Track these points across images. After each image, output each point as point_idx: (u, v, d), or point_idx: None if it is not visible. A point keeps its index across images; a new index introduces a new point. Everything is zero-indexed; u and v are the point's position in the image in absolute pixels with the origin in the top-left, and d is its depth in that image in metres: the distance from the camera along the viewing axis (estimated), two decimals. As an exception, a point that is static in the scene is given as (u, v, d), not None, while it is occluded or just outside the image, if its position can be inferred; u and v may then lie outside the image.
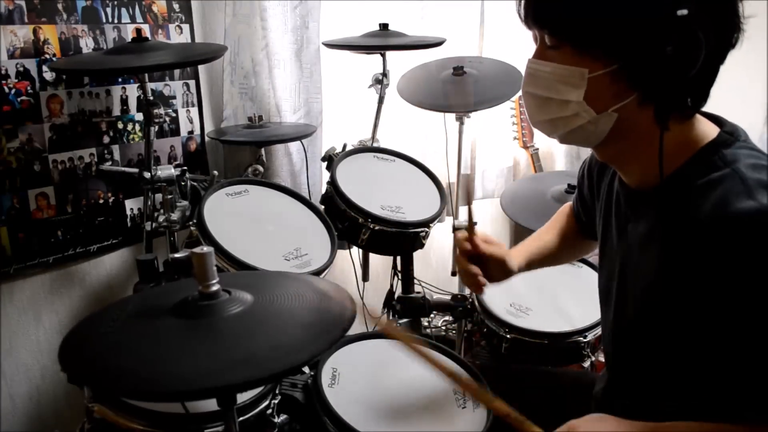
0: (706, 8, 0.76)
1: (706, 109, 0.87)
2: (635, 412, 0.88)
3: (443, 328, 2.21)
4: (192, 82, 1.82)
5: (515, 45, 2.37)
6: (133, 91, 1.68)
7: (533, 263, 1.24)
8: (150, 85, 1.66)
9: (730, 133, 0.86)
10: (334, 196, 1.66)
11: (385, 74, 1.97)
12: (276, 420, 1.13)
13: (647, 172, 0.88)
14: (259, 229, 1.51)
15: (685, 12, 0.75)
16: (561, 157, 2.73)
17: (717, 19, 0.78)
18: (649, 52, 0.77)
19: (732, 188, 0.79)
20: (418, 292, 1.93)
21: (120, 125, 1.67)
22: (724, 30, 0.79)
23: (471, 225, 1.15)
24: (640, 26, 0.77)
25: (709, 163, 0.83)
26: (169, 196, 1.48)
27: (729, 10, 0.79)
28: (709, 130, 0.87)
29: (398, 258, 1.99)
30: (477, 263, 1.14)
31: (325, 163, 1.79)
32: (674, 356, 0.89)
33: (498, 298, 1.63)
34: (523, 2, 0.87)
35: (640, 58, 0.78)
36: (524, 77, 0.91)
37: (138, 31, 1.52)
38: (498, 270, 1.15)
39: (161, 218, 1.49)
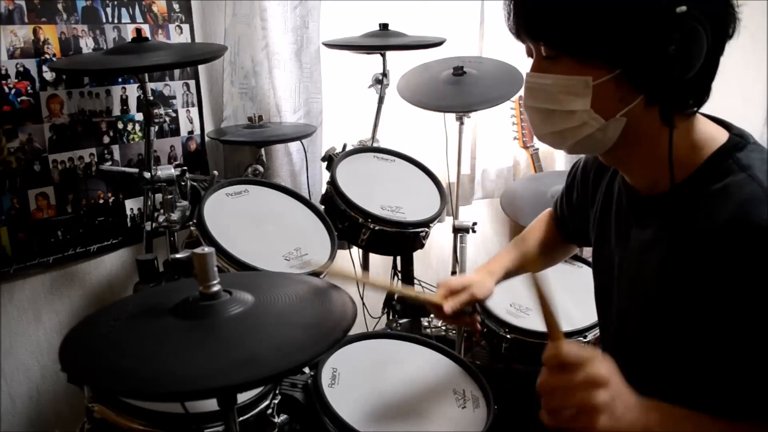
0: (701, 2, 0.75)
1: (707, 110, 0.86)
2: None
3: (443, 328, 2.20)
4: (192, 82, 1.82)
5: (515, 45, 2.34)
6: (133, 91, 1.68)
7: (510, 274, 1.26)
8: (150, 85, 1.66)
9: (739, 136, 0.85)
10: (334, 196, 1.66)
11: (385, 74, 1.97)
12: (276, 420, 1.13)
13: (656, 176, 0.86)
14: (259, 229, 1.51)
15: (684, 8, 0.74)
16: (561, 157, 2.73)
17: (712, 10, 0.77)
18: (653, 52, 0.76)
19: (751, 195, 0.78)
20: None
21: (120, 125, 1.67)
22: (720, 21, 0.78)
23: (433, 305, 1.16)
24: (640, 28, 0.76)
25: (724, 167, 0.82)
26: (169, 196, 1.48)
27: (722, 1, 0.78)
28: (718, 134, 0.86)
29: (398, 258, 1.99)
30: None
31: (325, 163, 1.79)
32: (671, 362, 0.88)
33: (498, 298, 1.62)
34: (512, 17, 0.85)
35: (643, 60, 0.77)
36: (525, 92, 0.89)
37: (138, 31, 1.52)
38: (475, 298, 1.18)
39: (161, 218, 1.49)
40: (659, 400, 0.78)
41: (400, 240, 1.67)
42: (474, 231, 2.00)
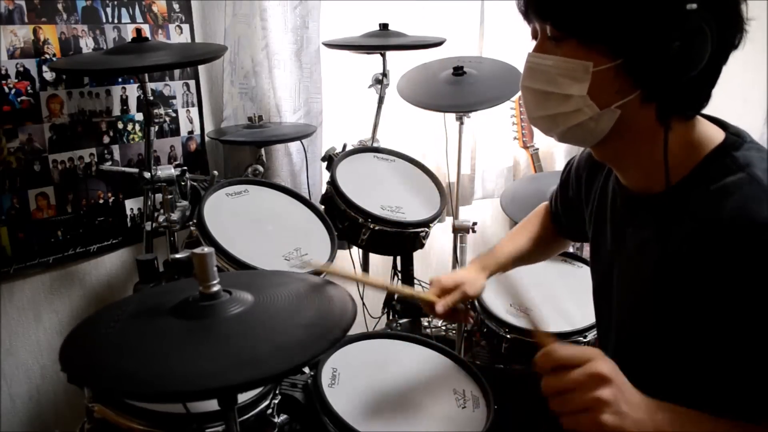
0: (711, 5, 0.75)
1: (707, 110, 0.86)
2: None
3: (443, 328, 2.20)
4: (192, 82, 1.82)
5: (515, 45, 2.37)
6: (133, 91, 1.68)
7: (506, 267, 1.28)
8: (150, 85, 1.66)
9: (736, 135, 0.85)
10: (334, 196, 1.66)
11: (385, 74, 1.97)
12: (276, 420, 1.13)
13: (651, 176, 0.86)
14: (259, 229, 1.51)
15: (694, 6, 0.73)
16: (561, 157, 2.73)
17: (721, 16, 0.76)
18: (657, 46, 0.76)
19: (751, 194, 0.78)
20: (418, 292, 1.93)
21: (120, 125, 1.67)
22: (728, 28, 0.78)
23: (427, 303, 1.18)
24: (649, 20, 0.75)
25: (722, 166, 0.82)
26: (169, 196, 1.48)
27: (733, 8, 0.78)
28: (714, 133, 0.85)
29: (398, 258, 1.99)
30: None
31: (325, 163, 1.79)
32: (670, 361, 0.88)
33: (498, 298, 1.63)
34: None
35: (647, 53, 0.77)
36: (523, 72, 0.88)
37: (138, 31, 1.52)
38: (467, 297, 1.20)
39: (161, 218, 1.49)
40: (662, 400, 0.78)
41: (400, 240, 1.67)
42: (474, 231, 2.00)
